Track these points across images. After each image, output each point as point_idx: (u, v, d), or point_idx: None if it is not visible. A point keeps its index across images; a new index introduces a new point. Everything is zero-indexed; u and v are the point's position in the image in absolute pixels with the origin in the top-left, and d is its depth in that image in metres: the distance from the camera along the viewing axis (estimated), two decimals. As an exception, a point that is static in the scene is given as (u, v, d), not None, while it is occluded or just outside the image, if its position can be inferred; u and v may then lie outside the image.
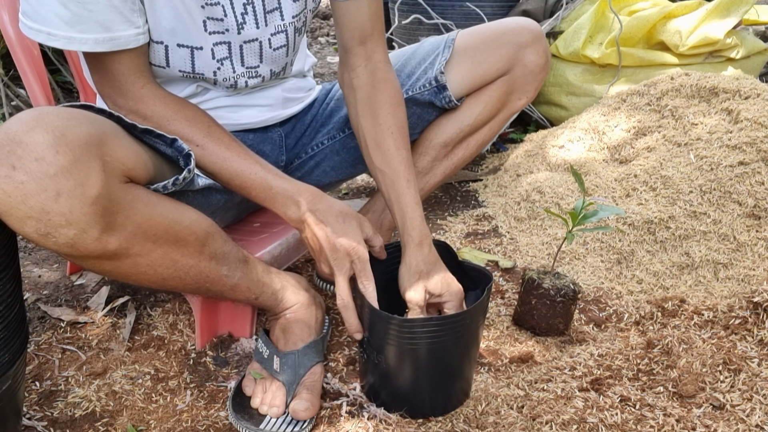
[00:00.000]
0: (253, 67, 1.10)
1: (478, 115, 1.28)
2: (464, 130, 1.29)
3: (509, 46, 1.25)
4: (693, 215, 1.44)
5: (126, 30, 0.91)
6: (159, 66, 1.03)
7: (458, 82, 1.25)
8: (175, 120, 0.98)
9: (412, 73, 1.27)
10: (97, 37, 0.89)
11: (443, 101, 1.25)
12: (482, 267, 1.07)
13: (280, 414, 1.00)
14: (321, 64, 3.66)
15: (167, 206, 0.88)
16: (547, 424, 0.96)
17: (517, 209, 1.72)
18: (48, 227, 0.73)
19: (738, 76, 1.74)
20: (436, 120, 1.31)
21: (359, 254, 0.97)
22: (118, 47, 0.92)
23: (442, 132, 1.30)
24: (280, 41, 1.10)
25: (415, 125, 1.29)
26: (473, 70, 1.25)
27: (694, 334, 1.13)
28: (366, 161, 1.14)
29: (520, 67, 1.26)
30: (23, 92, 2.21)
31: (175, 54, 1.02)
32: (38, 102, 1.20)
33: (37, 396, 1.08)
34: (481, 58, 1.25)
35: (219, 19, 1.01)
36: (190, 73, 1.05)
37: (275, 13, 1.07)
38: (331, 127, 1.30)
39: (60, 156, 0.72)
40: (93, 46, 0.89)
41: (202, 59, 1.04)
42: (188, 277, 0.94)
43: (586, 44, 2.12)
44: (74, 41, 0.88)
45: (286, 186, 1.00)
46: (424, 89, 1.25)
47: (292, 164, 1.32)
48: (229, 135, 1.02)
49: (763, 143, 1.46)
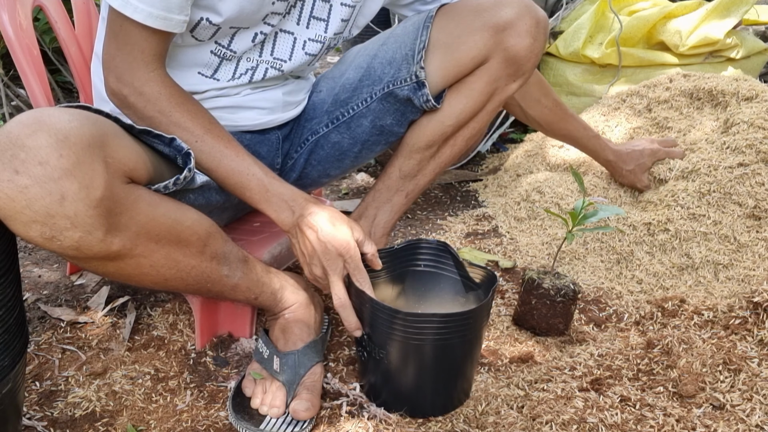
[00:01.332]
0: (280, 60, 1.12)
1: (461, 112, 1.16)
2: (447, 130, 1.19)
3: (484, 30, 1.08)
4: (693, 217, 1.44)
5: (179, 14, 0.93)
6: (198, 39, 1.04)
7: (432, 74, 1.12)
8: (177, 110, 0.98)
9: (393, 59, 1.14)
10: (152, 11, 0.91)
11: (421, 99, 1.13)
12: (486, 267, 1.07)
13: (280, 414, 1.00)
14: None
15: (169, 206, 0.88)
16: (547, 424, 0.96)
17: (517, 209, 1.72)
18: (53, 231, 0.73)
19: (737, 77, 1.74)
20: (418, 120, 1.20)
21: (351, 253, 0.97)
22: (165, 28, 0.93)
23: (424, 133, 1.20)
24: (314, 49, 1.13)
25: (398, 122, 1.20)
26: (445, 59, 1.11)
27: (694, 334, 1.13)
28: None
29: (500, 53, 1.09)
30: (23, 92, 2.21)
31: (221, 32, 1.04)
32: (38, 102, 1.20)
33: (37, 396, 1.08)
34: (454, 45, 1.09)
35: (279, 13, 1.04)
36: (225, 47, 1.07)
37: (321, 23, 1.10)
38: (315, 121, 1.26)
39: (63, 159, 0.71)
40: (145, 18, 0.91)
41: (243, 39, 1.06)
42: (190, 277, 0.94)
43: (586, 44, 2.12)
44: (129, 6, 0.91)
45: (282, 190, 1.00)
46: (404, 84, 1.14)
47: (286, 165, 1.31)
48: (228, 134, 1.02)
49: (762, 144, 1.46)
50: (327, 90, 1.26)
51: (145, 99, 0.97)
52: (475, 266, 1.08)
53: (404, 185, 1.24)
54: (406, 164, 1.22)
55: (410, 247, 1.13)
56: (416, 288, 1.15)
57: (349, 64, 1.24)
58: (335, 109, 1.23)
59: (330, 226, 0.97)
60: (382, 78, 1.17)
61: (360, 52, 1.24)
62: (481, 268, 1.07)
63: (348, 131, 1.24)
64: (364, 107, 1.20)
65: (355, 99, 1.21)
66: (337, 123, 1.24)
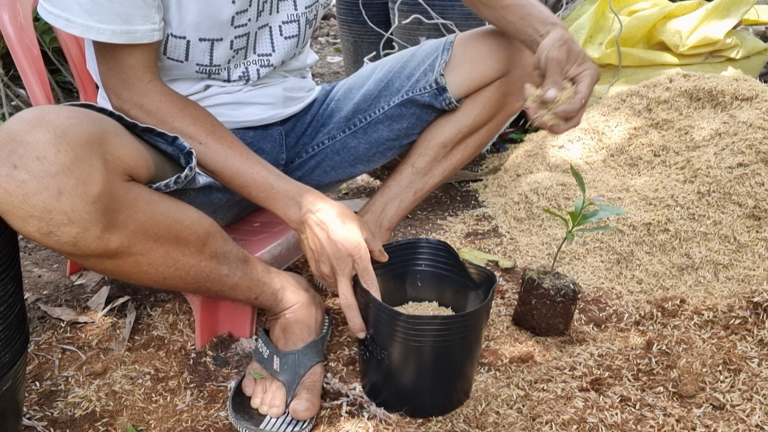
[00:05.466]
0: (265, 55, 1.11)
1: (476, 117, 1.29)
2: (463, 131, 1.30)
3: (507, 48, 1.25)
4: (692, 217, 1.44)
5: (143, 25, 0.92)
6: (177, 60, 1.03)
7: (457, 84, 1.26)
8: (179, 117, 0.99)
9: (412, 74, 1.28)
10: (114, 29, 0.90)
11: (443, 103, 1.26)
12: (485, 268, 1.07)
13: (280, 414, 1.00)
14: (321, 64, 3.67)
15: (169, 205, 0.88)
16: (547, 424, 0.96)
17: (516, 209, 1.72)
18: (50, 226, 0.73)
19: (737, 77, 1.74)
20: (435, 121, 1.31)
21: (361, 254, 0.97)
22: (133, 41, 0.92)
23: (441, 133, 1.30)
24: (292, 30, 1.12)
25: (414, 125, 1.29)
26: (472, 71, 1.25)
27: (694, 334, 1.13)
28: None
29: (518, 69, 1.25)
30: (23, 92, 2.21)
31: (196, 48, 1.03)
32: (38, 102, 1.20)
33: (37, 396, 1.08)
34: (480, 60, 1.25)
35: (244, 11, 1.02)
36: (207, 65, 1.06)
37: (288, 2, 1.09)
38: (331, 127, 1.30)
39: (61, 154, 0.72)
40: (109, 37, 0.90)
41: (221, 50, 1.05)
42: (189, 276, 0.94)
43: (586, 44, 2.12)
44: (91, 30, 0.89)
45: (288, 187, 1.00)
46: (424, 91, 1.25)
47: (293, 163, 1.33)
48: (231, 135, 1.02)
49: (762, 144, 1.46)
50: (346, 98, 1.31)
51: (145, 111, 0.98)
52: (474, 266, 1.08)
53: (415, 182, 1.30)
54: (420, 161, 1.30)
55: (411, 245, 1.13)
56: (415, 286, 1.15)
57: (368, 77, 1.31)
58: (354, 116, 1.28)
59: (340, 224, 0.97)
60: (400, 89, 1.27)
61: (378, 68, 1.31)
62: (481, 268, 1.07)
63: (365, 136, 1.28)
64: (382, 113, 1.26)
65: (374, 107, 1.27)
66: (354, 128, 1.28)
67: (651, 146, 1.71)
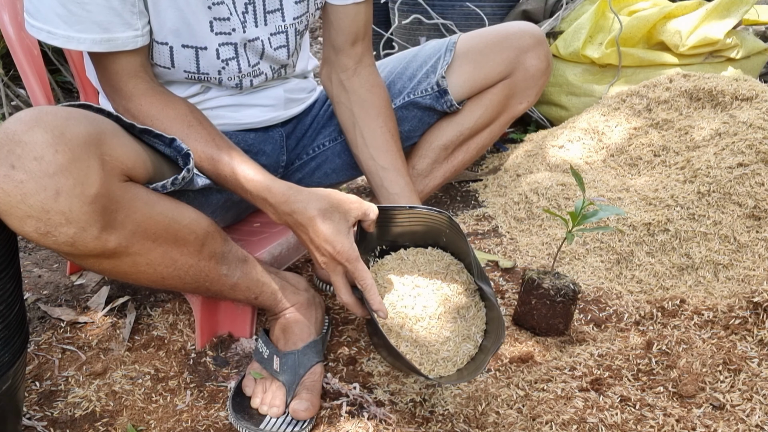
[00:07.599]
0: (255, 65, 1.10)
1: (478, 119, 1.29)
2: (464, 133, 1.30)
3: (510, 50, 1.25)
4: (692, 217, 1.44)
5: (124, 32, 0.92)
6: (164, 67, 1.03)
7: (459, 86, 1.26)
8: (158, 118, 0.97)
9: (413, 76, 1.28)
10: (94, 38, 0.90)
11: (444, 105, 1.26)
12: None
13: (280, 414, 1.01)
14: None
15: (167, 205, 0.88)
16: (547, 424, 0.96)
17: (516, 209, 1.72)
18: (48, 226, 0.73)
19: (737, 77, 1.74)
20: (437, 123, 1.31)
21: (346, 256, 0.93)
22: (115, 48, 0.92)
23: (443, 135, 1.30)
24: (280, 41, 1.10)
25: (415, 128, 1.29)
26: (474, 73, 1.26)
27: (694, 334, 1.13)
28: (362, 159, 1.18)
29: (521, 71, 1.26)
30: (23, 92, 2.21)
31: (180, 55, 1.02)
32: (38, 102, 1.20)
33: (37, 396, 1.08)
34: (483, 62, 1.25)
35: (225, 18, 1.01)
36: (195, 73, 1.06)
37: (276, 14, 1.08)
38: (332, 129, 1.30)
39: (59, 155, 0.72)
40: (90, 46, 0.90)
41: (207, 59, 1.04)
42: (187, 276, 0.94)
43: (586, 44, 2.12)
44: (72, 40, 0.89)
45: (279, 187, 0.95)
46: (425, 93, 1.25)
47: (293, 165, 1.32)
48: (224, 138, 1.00)
49: (762, 144, 1.46)
50: None
51: (130, 115, 0.98)
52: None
53: (416, 184, 1.30)
54: (421, 162, 1.31)
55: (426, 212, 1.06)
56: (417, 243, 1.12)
57: None
58: None
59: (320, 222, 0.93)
60: (401, 91, 1.27)
61: (380, 69, 1.30)
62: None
63: None
64: None
65: None
66: None
67: (651, 146, 1.71)
